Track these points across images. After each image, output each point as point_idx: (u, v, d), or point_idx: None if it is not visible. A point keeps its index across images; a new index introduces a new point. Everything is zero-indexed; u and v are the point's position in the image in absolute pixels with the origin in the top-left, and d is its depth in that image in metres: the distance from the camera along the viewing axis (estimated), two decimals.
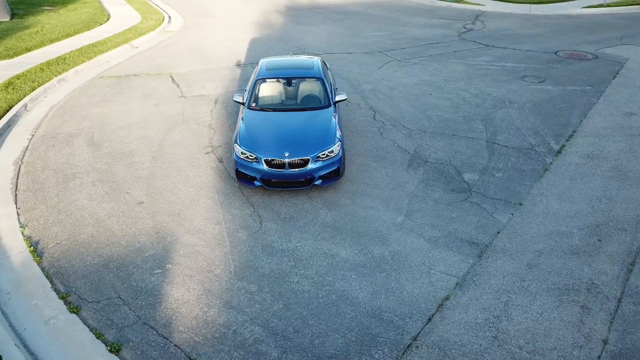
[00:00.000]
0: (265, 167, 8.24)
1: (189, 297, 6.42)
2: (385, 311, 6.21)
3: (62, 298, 6.43)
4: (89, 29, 19.13)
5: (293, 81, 9.79)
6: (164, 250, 7.21)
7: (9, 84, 13.13)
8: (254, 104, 9.42)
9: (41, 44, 16.77)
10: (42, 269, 6.92)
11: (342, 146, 8.62)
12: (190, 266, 6.95)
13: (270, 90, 9.72)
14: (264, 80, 9.82)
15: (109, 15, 21.93)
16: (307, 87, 9.72)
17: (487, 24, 20.63)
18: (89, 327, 6.00)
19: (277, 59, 10.78)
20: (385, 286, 6.60)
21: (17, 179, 9.07)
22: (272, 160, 8.21)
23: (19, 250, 7.27)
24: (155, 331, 5.93)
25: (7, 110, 11.80)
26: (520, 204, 8.39)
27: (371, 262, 7.03)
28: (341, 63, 15.42)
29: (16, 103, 12.19)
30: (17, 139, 10.65)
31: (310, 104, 9.47)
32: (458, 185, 8.90)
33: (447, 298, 6.42)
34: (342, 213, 8.10)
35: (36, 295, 6.46)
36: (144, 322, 6.06)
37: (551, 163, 9.63)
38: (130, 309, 6.24)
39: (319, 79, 9.77)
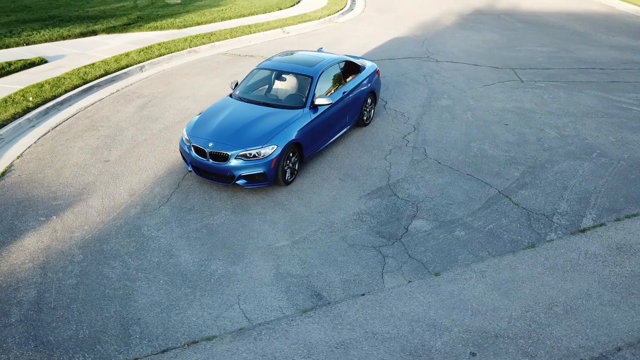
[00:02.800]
0: (193, 153, 8.19)
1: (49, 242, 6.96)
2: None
3: None
4: (267, 12, 20.90)
5: (284, 75, 9.29)
6: (68, 205, 7.85)
7: (148, 48, 15.51)
8: (237, 92, 9.31)
9: (212, 20, 19.11)
10: None
11: (283, 151, 7.91)
12: (67, 220, 7.44)
13: (259, 82, 9.45)
14: (259, 70, 9.58)
15: None
16: (294, 84, 9.13)
17: None
18: None
19: (293, 52, 10.28)
20: (178, 302, 6.06)
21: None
22: (198, 148, 8.11)
23: None
24: None
25: (125, 67, 14.01)
26: (437, 274, 6.50)
27: (194, 276, 6.47)
28: (451, 74, 13.70)
29: (138, 63, 14.37)
30: (102, 93, 12.57)
31: (287, 101, 8.89)
32: (393, 231, 7.33)
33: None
34: (238, 219, 7.55)
35: None
36: None
37: (550, 241, 7.09)
38: None
39: (309, 77, 9.05)
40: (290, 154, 8.26)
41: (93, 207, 7.80)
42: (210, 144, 7.99)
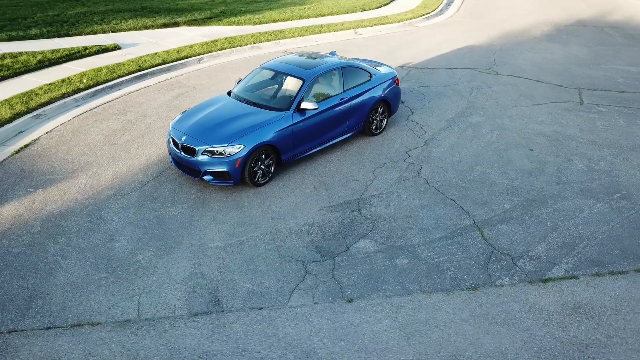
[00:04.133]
0: (171, 144, 8.48)
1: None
2: None
3: None
4: (349, 12, 20.78)
5: (280, 76, 9.21)
6: (58, 180, 8.56)
7: (214, 41, 16.25)
8: (234, 90, 9.43)
9: (290, 18, 19.49)
10: None
11: (251, 152, 7.90)
12: (48, 194, 8.13)
13: (258, 81, 9.45)
14: (261, 69, 9.58)
15: None
16: (287, 86, 9.02)
17: None
18: None
19: (304, 54, 10.09)
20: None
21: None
22: (174, 140, 8.37)
23: None
24: None
25: (184, 58, 14.85)
26: (349, 301, 6.08)
27: (117, 262, 6.72)
28: (502, 89, 12.60)
29: (197, 55, 15.14)
30: (151, 81, 13.45)
31: (275, 102, 8.82)
32: (332, 248, 6.98)
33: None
34: (191, 214, 7.67)
35: None
36: None
37: (499, 286, 6.28)
38: None
39: (301, 80, 8.87)
40: (262, 156, 8.19)
41: (76, 185, 8.41)
42: (184, 137, 8.21)
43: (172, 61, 14.57)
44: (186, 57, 14.91)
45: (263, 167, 8.30)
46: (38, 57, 13.78)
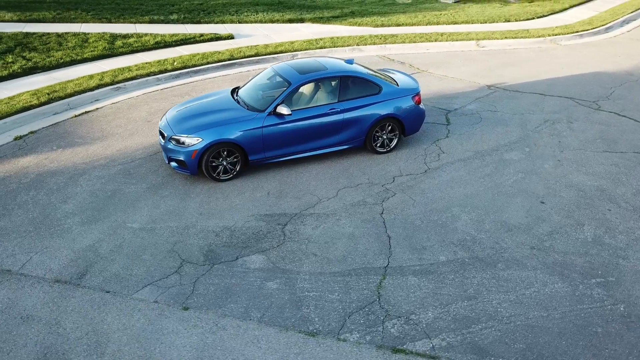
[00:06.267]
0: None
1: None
2: None
3: None
4: (487, 22, 19.06)
5: (276, 79, 9.12)
6: (80, 144, 9.91)
7: (319, 39, 16.54)
8: (239, 86, 9.64)
9: (417, 23, 18.68)
10: None
11: (209, 146, 8.10)
12: (62, 154, 9.49)
13: (262, 81, 9.46)
14: (270, 70, 9.57)
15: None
16: (277, 89, 8.89)
17: None
18: None
19: (317, 58, 9.71)
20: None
21: None
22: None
23: None
24: None
25: (279, 53, 15.49)
26: (185, 309, 5.99)
27: (48, 221, 7.58)
28: (584, 126, 10.52)
29: (293, 52, 15.68)
30: (233, 70, 14.32)
31: (255, 103, 8.78)
32: (223, 255, 6.87)
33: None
34: (141, 192, 8.17)
35: None
36: None
37: (314, 335, 5.55)
38: None
39: (288, 83, 8.69)
40: (224, 153, 8.31)
41: (87, 151, 9.63)
42: (163, 123, 8.76)
43: (266, 54, 15.29)
44: (281, 52, 15.50)
45: (225, 163, 8.40)
46: (157, 39, 15.76)
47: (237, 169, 8.53)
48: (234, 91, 9.47)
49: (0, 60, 13.50)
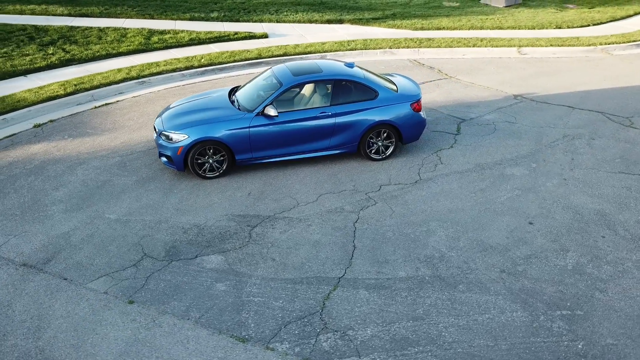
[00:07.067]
0: None
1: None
2: None
3: None
4: (542, 29, 18.06)
5: (272, 79, 9.06)
6: (89, 134, 10.33)
7: (351, 41, 16.35)
8: (239, 85, 9.69)
9: (460, 27, 18.03)
10: None
11: (194, 143, 8.20)
12: (70, 143, 9.94)
13: (260, 81, 9.42)
14: (270, 71, 9.54)
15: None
16: (270, 90, 8.84)
17: None
18: None
19: (315, 60, 9.56)
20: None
21: None
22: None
23: None
24: None
25: (308, 53, 15.46)
26: (130, 302, 6.09)
27: (36, 206, 7.94)
28: (604, 144, 9.77)
29: (322, 52, 15.59)
30: (257, 69, 14.43)
31: (247, 103, 8.79)
32: (185, 253, 6.93)
33: None
34: (131, 184, 8.39)
35: None
36: None
37: (244, 341, 5.45)
38: None
39: (280, 84, 8.64)
40: (210, 151, 8.38)
41: (94, 141, 10.02)
42: (158, 118, 8.96)
43: (295, 54, 15.30)
44: (310, 53, 15.45)
45: (211, 161, 8.47)
46: (192, 36, 16.15)
47: (224, 168, 8.56)
48: (233, 90, 9.51)
49: (41, 51, 14.32)
